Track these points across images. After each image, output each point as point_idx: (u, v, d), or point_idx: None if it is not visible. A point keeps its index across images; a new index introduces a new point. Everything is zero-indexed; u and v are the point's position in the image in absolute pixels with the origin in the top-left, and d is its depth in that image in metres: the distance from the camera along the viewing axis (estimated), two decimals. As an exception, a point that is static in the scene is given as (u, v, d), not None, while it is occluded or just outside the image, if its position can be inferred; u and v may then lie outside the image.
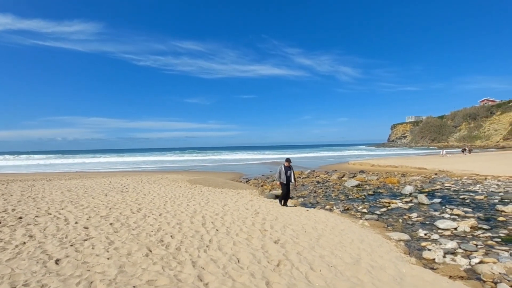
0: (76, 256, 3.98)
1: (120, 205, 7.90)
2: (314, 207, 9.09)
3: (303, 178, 17.38)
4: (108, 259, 3.88)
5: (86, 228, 5.48)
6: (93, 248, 4.30)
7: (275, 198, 10.45)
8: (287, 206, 8.63)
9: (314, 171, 21.54)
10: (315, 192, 12.12)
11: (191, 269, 3.62)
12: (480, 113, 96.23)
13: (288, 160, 8.72)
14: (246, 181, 16.67)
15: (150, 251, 4.27)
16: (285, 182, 8.43)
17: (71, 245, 4.42)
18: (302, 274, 3.65)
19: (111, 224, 5.80)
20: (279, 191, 11.51)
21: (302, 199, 10.61)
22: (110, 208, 7.37)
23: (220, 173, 23.48)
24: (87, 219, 6.16)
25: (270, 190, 12.63)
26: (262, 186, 14.30)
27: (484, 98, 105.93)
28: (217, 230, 5.55)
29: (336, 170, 21.40)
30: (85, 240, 4.71)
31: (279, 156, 55.06)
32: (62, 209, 7.26)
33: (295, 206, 8.97)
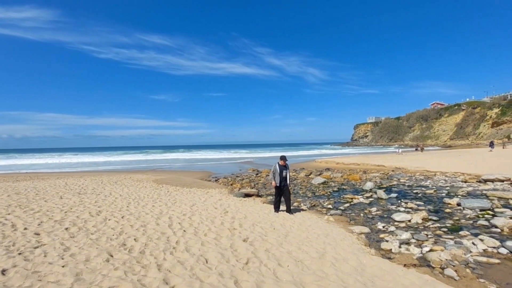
0: (25, 265, 3.60)
1: (77, 208, 7.33)
2: (283, 205, 9.26)
3: (272, 176, 17.65)
4: (63, 267, 3.57)
5: (37, 234, 4.99)
6: (45, 256, 3.93)
7: (244, 197, 10.48)
8: (291, 213, 7.44)
9: (282, 169, 21.96)
10: (284, 189, 12.37)
11: (156, 272, 3.48)
12: (431, 115, 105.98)
13: (283, 158, 7.55)
14: (216, 180, 16.48)
15: (111, 256, 4.02)
16: (280, 185, 7.36)
17: (19, 254, 3.99)
18: (270, 271, 3.71)
19: (66, 229, 5.35)
20: (249, 190, 11.55)
21: (271, 197, 10.75)
22: (65, 212, 6.80)
23: (189, 172, 22.91)
24: (39, 225, 5.61)
25: (240, 188, 12.62)
26: (231, 184, 14.24)
27: (434, 102, 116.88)
28: (184, 231, 5.41)
29: (303, 168, 22.06)
30: (36, 247, 4.29)
31: (250, 155, 55.27)
32: (8, 214, 6.52)
33: (263, 203, 9.07)
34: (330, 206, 8.79)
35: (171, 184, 13.16)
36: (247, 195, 10.75)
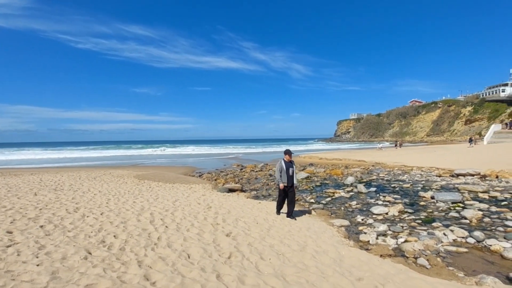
0: (-5, 265, 3.44)
1: (54, 205, 7.05)
2: (266, 199, 9.37)
3: (256, 171, 17.74)
4: (37, 265, 3.44)
5: (10, 232, 4.77)
6: (18, 255, 3.77)
7: (228, 192, 10.48)
8: (293, 217, 6.38)
9: (267, 164, 22.13)
10: (268, 185, 12.49)
11: (137, 269, 3.43)
12: (409, 112, 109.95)
13: (288, 152, 6.47)
14: (200, 176, 16.35)
15: (90, 253, 3.92)
16: (288, 184, 6.24)
17: (-11, 254, 3.80)
18: (252, 264, 3.76)
19: (41, 226, 5.14)
20: (233, 185, 11.57)
21: (255, 192, 10.84)
22: (40, 209, 6.52)
23: (172, 167, 22.55)
24: (11, 222, 5.35)
25: (224, 184, 12.60)
26: (215, 180, 14.19)
27: (413, 99, 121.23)
28: (166, 227, 5.36)
29: (287, 163, 22.29)
30: (9, 246, 4.10)
31: (235, 151, 55.15)
32: (-24, 212, 6.16)
33: (247, 198, 9.13)
34: (312, 200, 8.98)
35: (153, 180, 12.92)
36: (231, 190, 10.77)
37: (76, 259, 3.67)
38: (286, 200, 6.56)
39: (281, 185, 6.30)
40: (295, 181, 6.40)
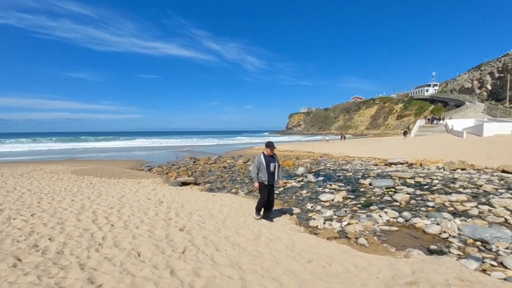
0: None
1: (-34, 208, 5.93)
2: (221, 192, 9.34)
3: (210, 164, 17.49)
4: None
5: None
6: None
7: (181, 186, 10.14)
8: (270, 219, 5.67)
9: (221, 156, 21.98)
10: (222, 177, 12.44)
11: (79, 272, 3.12)
12: (352, 107, 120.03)
13: (270, 145, 5.47)
14: (149, 169, 15.45)
15: (19, 260, 3.42)
16: (267, 183, 5.39)
17: None
18: (208, 257, 3.74)
19: (-50, 234, 4.29)
20: (186, 178, 11.20)
21: (209, 185, 10.71)
22: None
23: (117, 161, 20.83)
24: None
25: (176, 177, 12.14)
26: (167, 173, 13.58)
27: (355, 96, 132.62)
28: (112, 225, 4.97)
29: (241, 156, 22.49)
30: None
31: (187, 143, 53.36)
32: None
33: (201, 191, 8.97)
34: (265, 190, 9.25)
35: (95, 175, 11.79)
36: (184, 184, 10.45)
37: (2, 267, 3.17)
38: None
39: (256, 184, 5.44)
40: (276, 177, 5.54)
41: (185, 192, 8.74)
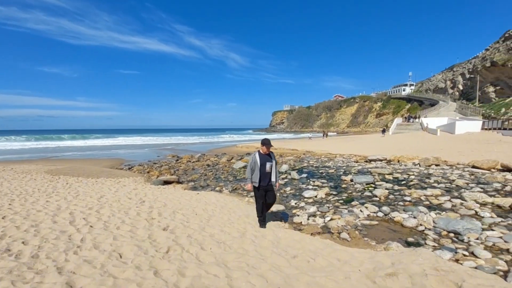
0: None
1: None
2: (205, 190, 9.24)
3: (193, 162, 17.25)
4: None
5: None
6: None
7: (163, 184, 9.93)
8: (264, 227, 5.05)
9: (204, 154, 21.74)
10: (206, 175, 12.32)
11: (57, 276, 2.98)
12: (334, 106, 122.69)
13: (266, 142, 4.94)
14: (129, 168, 14.99)
15: (-12, 266, 3.21)
16: (264, 184, 4.89)
17: None
18: (192, 256, 3.69)
19: None
20: (168, 177, 10.97)
21: (193, 183, 10.57)
22: None
23: (95, 160, 20.04)
24: None
25: (158, 176, 11.88)
26: (148, 172, 13.24)
27: (336, 94, 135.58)
28: (91, 226, 4.78)
29: (225, 153, 22.37)
30: None
31: (169, 141, 52.29)
32: None
33: (185, 190, 8.84)
34: (250, 188, 9.27)
35: (71, 175, 11.28)
36: (167, 183, 10.25)
37: (-33, 275, 2.96)
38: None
39: (248, 186, 5.03)
40: (273, 179, 4.97)
41: (167, 191, 8.57)
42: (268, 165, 4.90)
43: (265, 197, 5.02)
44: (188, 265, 3.38)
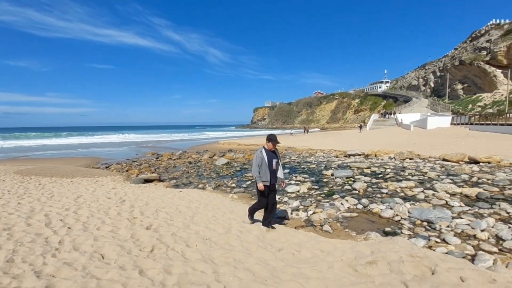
0: None
1: None
2: (187, 188, 9.13)
3: (174, 159, 16.94)
4: None
5: None
6: None
7: (144, 183, 9.69)
8: (272, 227, 4.76)
9: (186, 152, 21.40)
10: (188, 172, 12.16)
11: (35, 280, 2.85)
12: (314, 102, 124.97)
13: (272, 139, 4.65)
14: (107, 167, 14.45)
15: (-44, 273, 3.00)
16: (271, 182, 4.59)
17: None
18: (178, 253, 3.67)
19: None
20: (149, 175, 10.70)
21: (175, 181, 10.40)
22: None
23: (68, 159, 19.11)
24: None
25: (138, 174, 11.56)
26: (127, 171, 12.84)
27: (316, 91, 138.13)
28: (69, 228, 4.59)
29: (207, 150, 22.15)
30: None
31: (148, 138, 50.91)
32: None
33: (167, 188, 8.69)
34: (233, 185, 9.28)
35: (44, 175, 10.69)
36: (147, 181, 10.01)
37: None
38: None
39: (260, 186, 4.50)
40: (280, 176, 4.72)
41: (149, 189, 8.39)
42: (274, 162, 4.62)
43: (269, 196, 4.68)
44: (174, 263, 3.35)
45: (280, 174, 4.73)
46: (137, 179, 9.99)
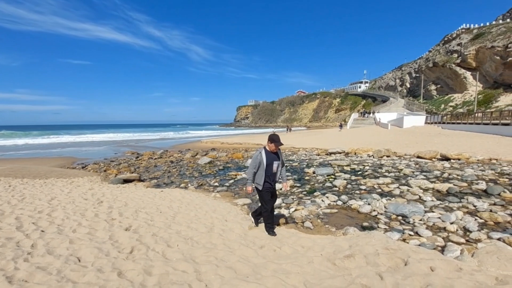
0: None
1: None
2: (169, 187, 8.98)
3: (155, 158, 16.57)
4: None
5: None
6: None
7: (123, 183, 9.41)
8: (273, 233, 4.39)
9: (167, 151, 21.00)
10: (169, 172, 11.94)
11: (7, 286, 2.71)
12: (296, 101, 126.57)
13: (275, 139, 4.25)
14: (83, 167, 13.89)
15: None
16: (261, 188, 4.29)
17: None
18: (159, 254, 3.62)
19: None
20: (128, 175, 10.40)
21: (156, 180, 10.19)
22: None
23: (41, 159, 18.16)
24: None
25: (117, 174, 11.21)
26: (105, 171, 12.42)
27: (299, 90, 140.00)
28: (42, 231, 4.39)
29: (189, 149, 21.86)
30: None
31: (127, 137, 49.40)
32: None
33: (147, 188, 8.50)
34: (216, 183, 9.23)
35: (14, 176, 10.11)
36: (127, 181, 9.73)
37: None
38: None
39: (248, 189, 4.39)
40: (281, 180, 4.56)
41: (128, 189, 8.17)
42: (275, 164, 4.29)
43: (274, 200, 4.56)
44: (154, 264, 3.31)
45: (280, 177, 4.51)
46: (116, 179, 9.69)
